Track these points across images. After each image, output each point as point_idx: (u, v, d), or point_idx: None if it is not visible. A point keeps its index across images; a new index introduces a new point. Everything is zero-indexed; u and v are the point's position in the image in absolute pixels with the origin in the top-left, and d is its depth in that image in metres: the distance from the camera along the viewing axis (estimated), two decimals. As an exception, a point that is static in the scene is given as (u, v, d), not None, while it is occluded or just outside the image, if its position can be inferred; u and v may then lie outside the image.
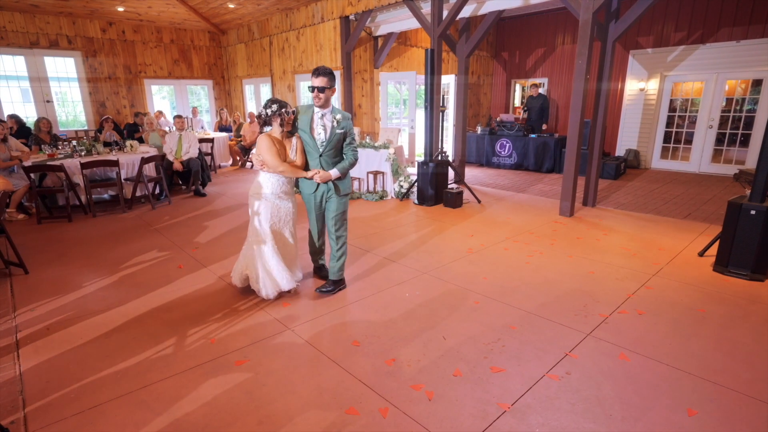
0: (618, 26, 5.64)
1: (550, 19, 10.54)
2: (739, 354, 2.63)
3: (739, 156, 8.33)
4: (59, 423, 2.10)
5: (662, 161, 9.23)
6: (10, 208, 5.77)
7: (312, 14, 9.07)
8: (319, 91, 3.14)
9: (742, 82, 8.16)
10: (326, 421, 2.10)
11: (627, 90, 9.33)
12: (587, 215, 5.77)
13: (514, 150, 9.57)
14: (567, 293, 3.48)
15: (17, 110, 9.17)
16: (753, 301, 3.32)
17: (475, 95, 11.64)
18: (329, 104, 3.26)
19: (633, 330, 2.92)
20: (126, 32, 10.36)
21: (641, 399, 2.24)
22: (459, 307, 3.27)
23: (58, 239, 5.01)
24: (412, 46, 9.76)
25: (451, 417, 2.12)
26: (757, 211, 3.63)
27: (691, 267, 4.00)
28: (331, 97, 3.25)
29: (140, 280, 3.82)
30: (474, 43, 7.08)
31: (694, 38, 8.38)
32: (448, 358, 2.61)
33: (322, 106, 3.21)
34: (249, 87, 11.83)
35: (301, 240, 3.99)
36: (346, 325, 3.03)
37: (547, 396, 2.26)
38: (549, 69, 10.85)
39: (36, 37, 9.25)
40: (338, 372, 2.48)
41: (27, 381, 2.43)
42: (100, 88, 10.21)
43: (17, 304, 3.39)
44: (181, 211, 6.21)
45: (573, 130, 5.47)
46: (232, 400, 2.25)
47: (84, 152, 6.45)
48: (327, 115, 3.26)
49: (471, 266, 4.06)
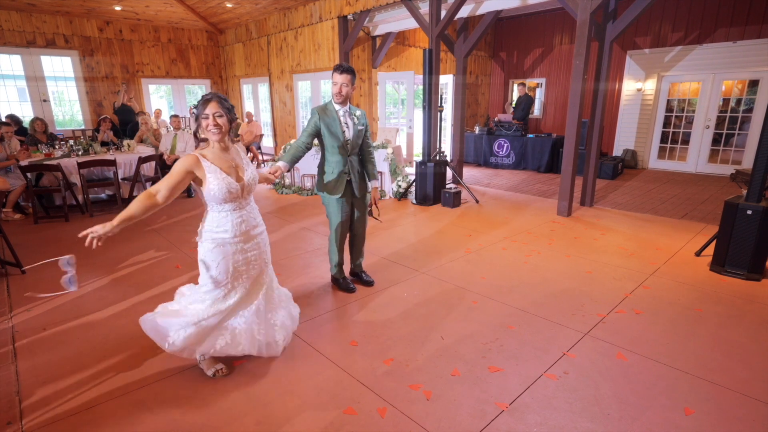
0: (615, 26, 5.65)
1: (548, 19, 10.55)
2: (735, 353, 2.65)
3: (736, 156, 8.37)
4: (56, 423, 2.09)
5: (659, 161, 9.26)
6: (7, 208, 5.74)
7: (310, 14, 9.06)
8: (343, 87, 3.10)
9: (738, 82, 8.20)
10: (324, 421, 2.10)
11: (624, 90, 9.36)
12: (585, 215, 5.79)
13: (512, 150, 9.59)
14: (565, 293, 3.49)
15: (14, 110, 9.14)
16: (749, 301, 3.33)
17: (473, 95, 11.65)
18: (347, 102, 3.24)
19: (630, 329, 2.92)
20: (123, 31, 10.33)
21: (638, 398, 2.25)
22: (457, 306, 3.27)
23: (55, 239, 4.99)
24: (410, 46, 9.77)
25: (449, 416, 2.12)
26: (753, 210, 3.65)
27: (688, 267, 4.02)
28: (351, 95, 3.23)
29: (138, 280, 3.81)
30: (472, 43, 7.09)
31: (691, 39, 8.41)
32: (446, 357, 2.61)
33: (342, 102, 3.18)
34: (247, 87, 11.81)
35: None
36: (344, 324, 3.03)
37: (545, 395, 2.27)
38: (547, 69, 10.86)
39: (33, 36, 9.21)
40: (336, 372, 2.48)
41: (23, 381, 2.41)
42: (97, 88, 10.17)
43: (14, 304, 3.37)
44: (178, 211, 6.19)
45: (571, 130, 5.48)
46: (230, 400, 2.25)
47: (81, 152, 6.44)
48: (347, 112, 3.22)
49: (469, 266, 4.07)
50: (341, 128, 3.17)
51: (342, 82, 3.10)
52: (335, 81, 3.11)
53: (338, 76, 3.10)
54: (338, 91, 3.12)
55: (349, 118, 3.20)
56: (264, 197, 7.09)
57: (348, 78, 3.10)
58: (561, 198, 5.75)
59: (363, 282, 3.67)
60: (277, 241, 4.83)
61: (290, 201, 6.84)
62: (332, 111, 3.18)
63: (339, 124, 3.16)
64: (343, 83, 3.10)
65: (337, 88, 3.11)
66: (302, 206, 6.46)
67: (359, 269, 3.70)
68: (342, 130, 3.17)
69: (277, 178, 2.96)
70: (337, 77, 3.10)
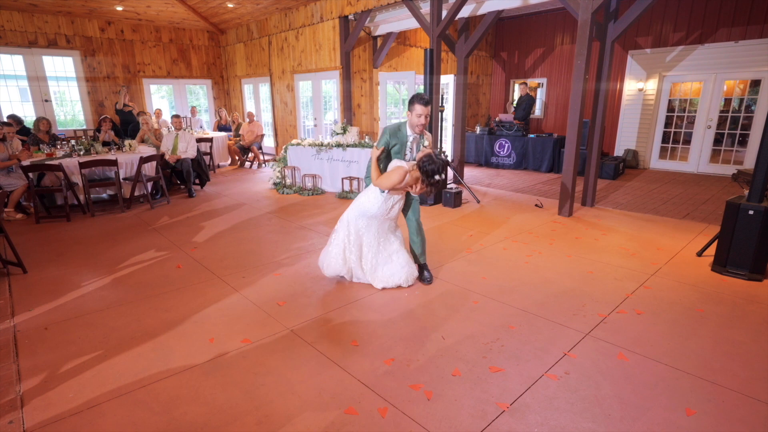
0: (617, 26, 5.65)
1: (549, 19, 10.54)
2: (737, 354, 2.64)
3: (738, 156, 8.35)
4: (57, 423, 2.10)
5: (661, 161, 9.25)
6: (9, 208, 5.76)
7: (311, 14, 9.07)
8: (426, 118, 3.24)
9: (740, 82, 8.18)
10: (325, 421, 2.10)
11: (626, 90, 9.34)
12: (586, 215, 5.78)
13: (513, 150, 9.58)
14: (566, 293, 3.48)
15: (15, 110, 9.17)
16: (751, 301, 3.32)
17: (474, 95, 11.64)
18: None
19: (631, 330, 2.92)
20: (125, 31, 10.35)
21: (640, 399, 2.24)
22: (458, 306, 3.27)
23: (56, 239, 5.00)
24: (411, 46, 9.77)
25: (450, 417, 2.12)
26: (755, 211, 3.64)
27: (689, 267, 4.01)
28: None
29: (139, 280, 3.81)
30: (473, 43, 7.08)
31: (692, 38, 8.40)
32: (447, 357, 2.61)
33: (420, 131, 3.34)
34: (248, 87, 11.82)
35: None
36: (345, 324, 3.03)
37: (546, 396, 2.27)
38: (548, 69, 10.86)
39: (34, 37, 9.23)
40: (337, 372, 2.48)
41: (25, 381, 2.42)
42: (98, 88, 10.19)
43: (15, 303, 3.38)
44: (179, 211, 6.20)
45: (572, 130, 5.47)
46: (230, 400, 2.25)
47: (82, 152, 6.45)
48: (417, 139, 3.43)
49: (470, 266, 4.06)
50: (404, 152, 3.43)
51: (426, 113, 3.22)
52: (419, 112, 3.20)
53: (423, 108, 3.20)
54: (423, 123, 3.26)
55: (415, 144, 3.44)
56: (264, 197, 7.09)
57: (429, 109, 3.24)
58: (562, 198, 5.75)
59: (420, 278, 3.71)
60: (277, 241, 4.84)
61: (291, 201, 6.84)
62: (403, 136, 3.37)
63: (404, 149, 3.42)
64: (426, 114, 3.22)
65: (422, 119, 3.23)
66: (303, 206, 6.47)
67: (418, 263, 3.73)
68: (404, 154, 3.43)
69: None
70: (421, 109, 3.19)
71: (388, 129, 3.37)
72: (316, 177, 7.54)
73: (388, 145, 3.39)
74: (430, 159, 3.09)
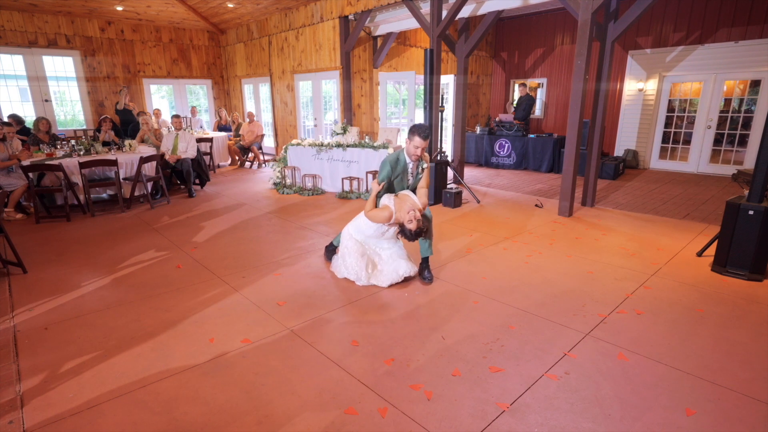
0: (617, 26, 5.65)
1: (549, 19, 10.54)
2: (737, 354, 2.64)
3: (738, 156, 8.35)
4: (57, 423, 2.10)
5: (661, 161, 9.25)
6: (9, 208, 5.76)
7: (311, 14, 9.07)
8: (423, 150, 3.44)
9: (740, 82, 8.18)
10: (325, 421, 2.10)
11: (626, 90, 9.34)
12: (586, 215, 5.78)
13: (513, 150, 9.58)
14: (566, 293, 3.48)
15: (15, 110, 9.16)
16: (751, 301, 3.32)
17: (474, 95, 11.64)
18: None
19: (631, 330, 2.92)
20: (125, 31, 10.35)
21: (640, 399, 2.24)
22: (458, 306, 3.27)
23: (56, 239, 5.00)
24: (411, 46, 9.77)
25: (450, 417, 2.12)
26: (755, 211, 3.64)
27: (689, 267, 4.01)
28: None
29: (139, 280, 3.81)
30: (473, 43, 7.08)
31: (692, 39, 8.40)
32: (447, 357, 2.61)
33: (417, 158, 3.50)
34: (248, 87, 11.82)
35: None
36: (344, 324, 3.03)
37: (546, 396, 2.27)
38: (548, 69, 10.85)
39: (34, 36, 9.23)
40: (337, 372, 2.48)
41: (25, 381, 2.42)
42: (98, 88, 10.19)
43: (15, 303, 3.38)
44: (179, 211, 6.20)
45: (572, 131, 5.47)
46: (230, 400, 2.25)
47: (82, 152, 6.45)
48: (417, 164, 3.60)
49: (470, 266, 4.06)
50: (406, 178, 3.62)
51: (424, 146, 3.41)
52: (417, 144, 3.40)
53: (421, 142, 3.38)
54: (419, 154, 3.45)
55: (415, 169, 3.62)
56: (264, 197, 7.09)
57: (428, 143, 3.46)
58: (562, 198, 5.75)
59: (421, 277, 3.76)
60: (277, 241, 4.84)
61: (291, 201, 6.84)
62: (403, 164, 3.54)
63: (407, 174, 3.61)
64: (424, 147, 3.42)
65: (419, 151, 3.42)
66: (303, 206, 6.47)
67: (424, 256, 3.78)
68: (407, 179, 3.63)
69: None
70: (420, 142, 3.39)
71: (388, 161, 3.50)
72: (316, 177, 7.54)
73: (390, 175, 3.52)
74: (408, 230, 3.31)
